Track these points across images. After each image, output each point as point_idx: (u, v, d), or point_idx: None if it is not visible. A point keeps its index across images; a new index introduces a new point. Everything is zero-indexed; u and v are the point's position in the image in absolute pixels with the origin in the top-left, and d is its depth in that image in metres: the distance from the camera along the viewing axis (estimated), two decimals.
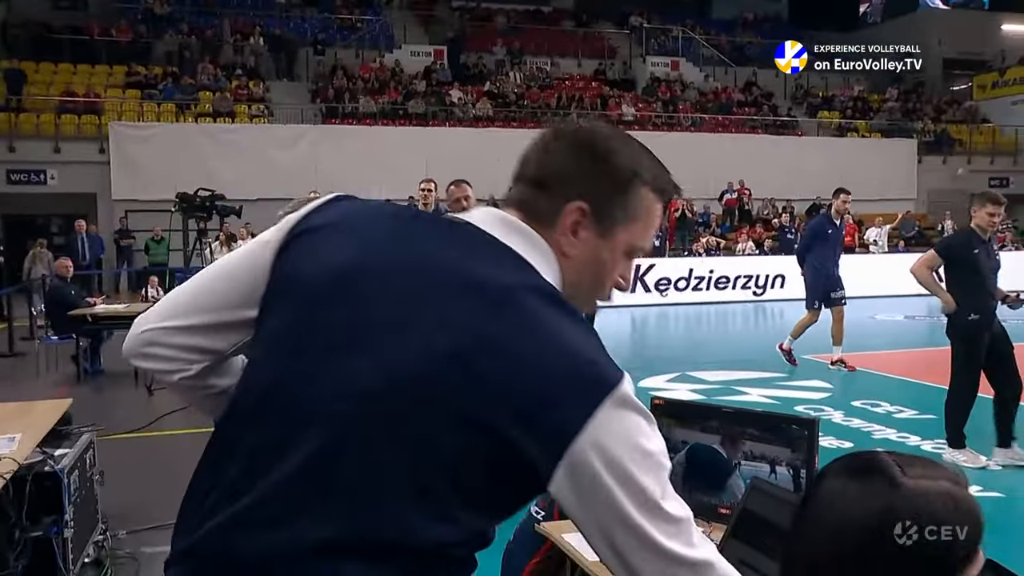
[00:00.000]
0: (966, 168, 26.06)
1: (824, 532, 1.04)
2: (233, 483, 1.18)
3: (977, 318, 5.52)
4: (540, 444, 1.09)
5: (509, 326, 1.11)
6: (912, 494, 1.00)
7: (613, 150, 1.23)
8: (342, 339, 1.17)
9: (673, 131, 24.05)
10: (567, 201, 1.21)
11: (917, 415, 7.13)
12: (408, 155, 19.93)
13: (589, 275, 1.25)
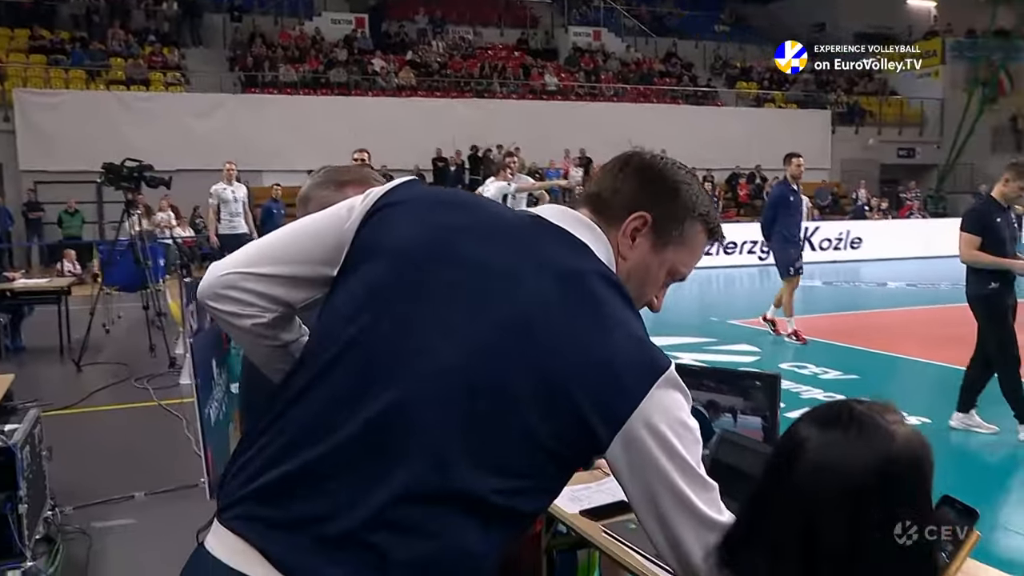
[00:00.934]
0: (876, 138, 26.99)
1: (826, 480, 1.14)
2: (306, 431, 1.22)
3: (997, 287, 5.45)
4: (603, 415, 1.20)
5: (583, 307, 1.24)
6: (901, 440, 1.15)
7: (682, 183, 1.39)
8: (431, 305, 1.24)
9: (595, 101, 24.26)
10: (635, 209, 1.36)
11: (842, 375, 7.43)
12: (331, 125, 19.63)
13: (636, 281, 1.37)
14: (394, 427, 1.19)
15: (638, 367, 1.22)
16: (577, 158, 22.03)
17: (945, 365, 7.92)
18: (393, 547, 1.17)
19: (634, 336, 1.25)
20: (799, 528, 1.15)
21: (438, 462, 1.18)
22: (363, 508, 1.17)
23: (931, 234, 20.00)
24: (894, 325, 10.44)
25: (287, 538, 1.18)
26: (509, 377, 1.20)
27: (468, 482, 1.18)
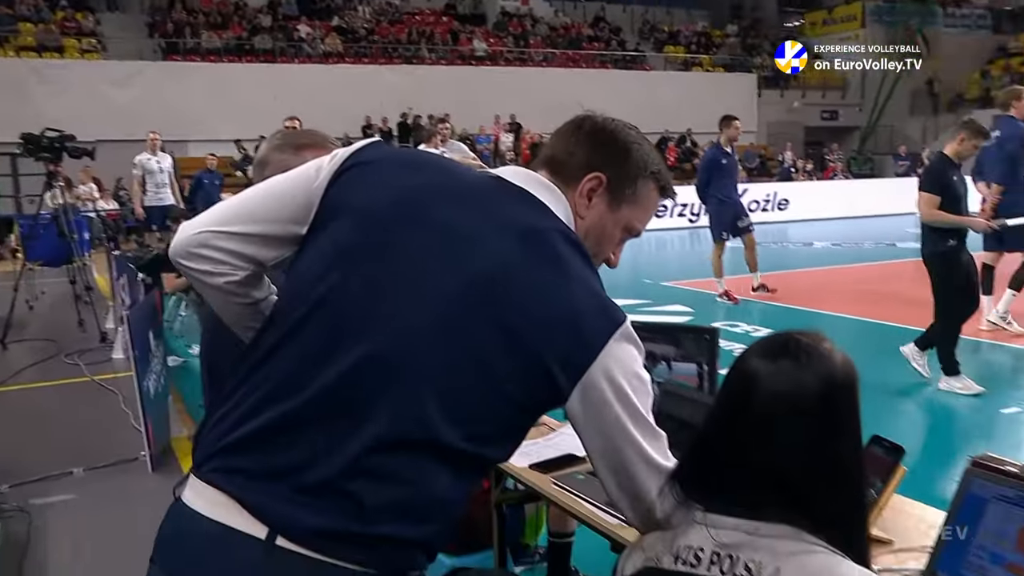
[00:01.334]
0: (801, 101, 27.54)
1: (786, 403, 1.23)
2: (280, 385, 1.25)
3: (954, 244, 5.52)
4: (564, 366, 1.27)
5: (545, 264, 1.30)
6: (840, 363, 1.27)
7: (633, 143, 1.45)
8: (398, 264, 1.28)
9: (525, 66, 24.21)
10: (590, 169, 1.42)
11: (770, 333, 7.64)
12: (257, 94, 19.25)
13: (593, 238, 1.44)
14: (366, 380, 1.23)
15: (597, 321, 1.28)
16: (507, 124, 22.01)
17: (868, 320, 8.23)
18: (369, 494, 1.21)
19: (593, 291, 1.31)
20: (755, 452, 1.24)
21: (410, 413, 1.22)
22: (339, 457, 1.21)
23: (855, 194, 20.62)
24: (821, 283, 10.75)
25: (265, 488, 1.21)
26: (475, 333, 1.25)
27: (439, 431, 1.23)
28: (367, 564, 1.22)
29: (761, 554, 1.19)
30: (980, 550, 1.54)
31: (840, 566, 1.16)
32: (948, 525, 1.61)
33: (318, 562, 1.19)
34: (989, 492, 1.57)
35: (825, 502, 1.22)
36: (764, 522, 1.22)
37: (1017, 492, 1.53)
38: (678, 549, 1.27)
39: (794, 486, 1.22)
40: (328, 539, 1.20)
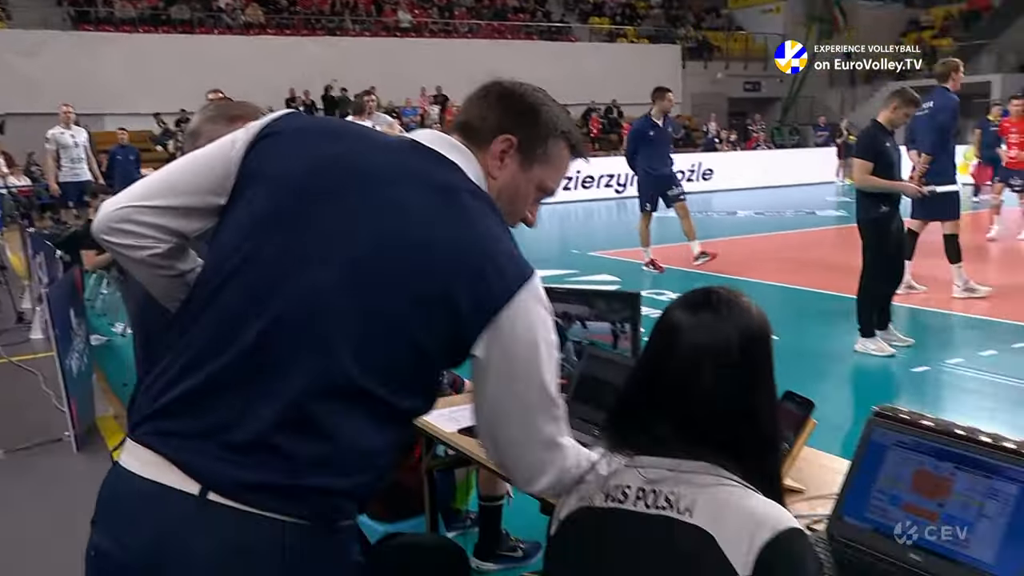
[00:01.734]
0: (724, 72, 27.95)
1: (705, 353, 1.32)
2: (204, 349, 1.29)
3: (887, 210, 5.65)
4: (471, 316, 1.31)
5: (456, 219, 1.34)
6: (756, 315, 1.36)
7: (541, 104, 1.50)
8: (313, 227, 1.32)
9: (450, 38, 24.01)
10: (501, 132, 1.46)
11: None
12: (175, 66, 18.71)
13: (506, 197, 1.48)
14: (282, 339, 1.27)
15: (506, 273, 1.33)
16: (433, 96, 21.85)
17: (790, 286, 8.49)
18: (293, 448, 1.25)
19: (503, 246, 1.36)
20: (677, 399, 1.33)
21: (326, 367, 1.27)
22: (262, 414, 1.25)
23: (777, 164, 21.10)
24: (745, 251, 11.02)
25: (196, 447, 1.25)
26: (386, 286, 1.29)
27: (356, 383, 1.27)
28: (296, 515, 1.26)
29: (681, 487, 1.28)
30: (880, 493, 1.65)
31: (749, 498, 1.24)
32: (852, 472, 1.71)
33: (248, 514, 1.24)
34: (888, 439, 1.67)
35: (741, 445, 1.31)
36: (684, 460, 1.30)
37: (912, 438, 1.64)
38: (609, 488, 1.36)
39: (713, 430, 1.31)
40: (257, 492, 1.24)
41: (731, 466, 1.30)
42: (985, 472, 1.52)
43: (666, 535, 1.26)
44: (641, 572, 1.28)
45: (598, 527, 1.35)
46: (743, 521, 1.21)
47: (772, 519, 1.21)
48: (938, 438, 1.60)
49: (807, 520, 1.78)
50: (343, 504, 1.32)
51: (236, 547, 1.23)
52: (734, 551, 1.19)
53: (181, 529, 1.24)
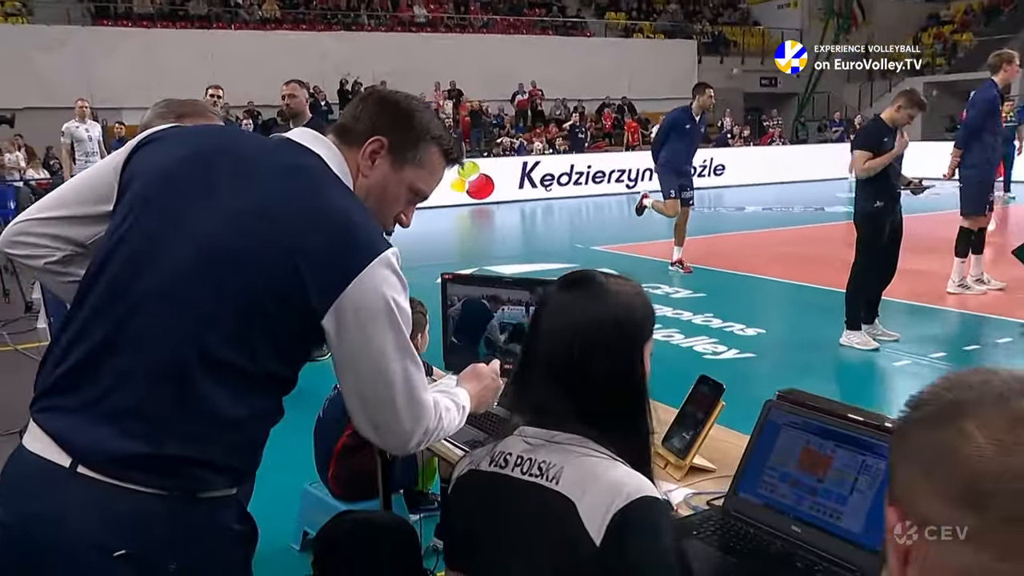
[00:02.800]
0: (740, 68, 27.83)
1: (565, 330, 1.41)
2: (82, 329, 1.41)
3: (881, 205, 5.68)
4: (320, 287, 1.39)
5: (306, 194, 1.44)
6: (623, 298, 1.43)
7: (415, 110, 1.60)
8: (175, 209, 1.43)
9: (465, 33, 24.08)
10: (373, 133, 1.55)
11: (691, 294, 7.89)
12: (191, 60, 18.89)
13: (376, 196, 1.57)
14: (145, 314, 1.38)
15: (355, 246, 1.41)
16: (447, 91, 21.95)
17: (782, 280, 8.53)
18: (156, 418, 1.36)
19: (355, 220, 1.44)
20: (549, 374, 1.42)
21: (189, 338, 1.37)
22: (129, 387, 1.36)
23: (790, 160, 21.03)
24: (744, 246, 11.05)
25: (71, 420, 1.36)
26: (238, 260, 1.38)
27: (216, 354, 1.37)
28: (159, 486, 1.35)
29: (553, 456, 1.38)
30: (772, 470, 1.74)
31: (612, 469, 1.33)
32: (749, 450, 1.81)
33: (114, 487, 1.33)
34: (782, 419, 1.77)
35: (609, 421, 1.40)
36: (559, 432, 1.40)
37: (802, 418, 1.73)
38: (495, 454, 1.46)
39: (582, 405, 1.40)
40: (122, 465, 1.33)
41: (602, 440, 1.39)
42: (861, 449, 1.61)
43: (536, 501, 1.35)
44: (516, 533, 1.37)
45: (482, 489, 1.45)
46: (603, 490, 1.30)
47: (628, 488, 1.29)
48: (823, 418, 1.70)
49: (708, 496, 1.87)
50: (206, 475, 1.40)
51: (100, 519, 1.33)
52: (591, 518, 1.28)
53: (54, 501, 1.34)
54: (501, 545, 1.38)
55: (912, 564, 0.83)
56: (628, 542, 1.25)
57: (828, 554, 1.57)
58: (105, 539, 1.32)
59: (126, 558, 1.32)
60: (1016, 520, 0.76)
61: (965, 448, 0.78)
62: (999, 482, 0.76)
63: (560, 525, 1.31)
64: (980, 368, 0.85)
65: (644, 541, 1.27)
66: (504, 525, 1.39)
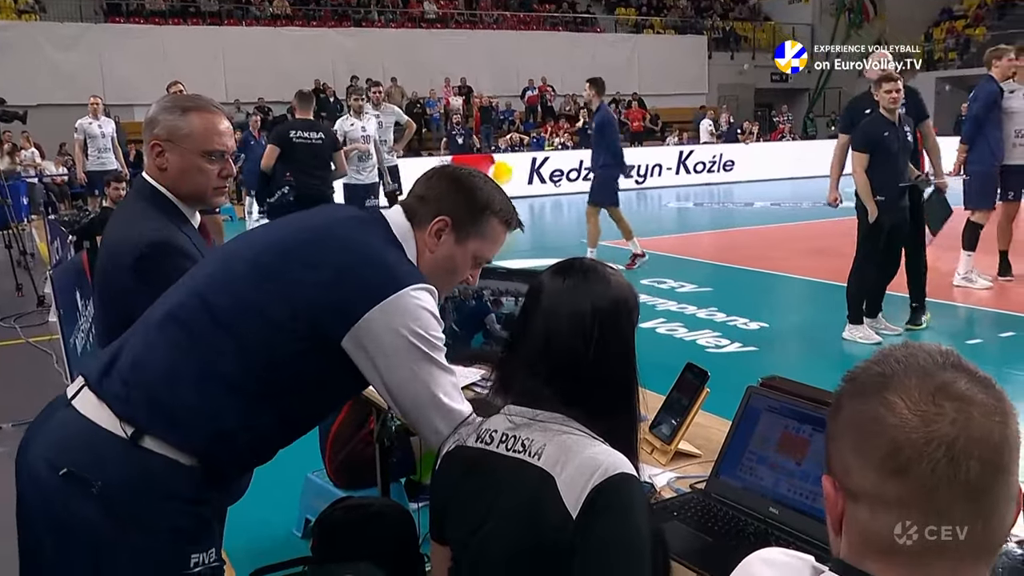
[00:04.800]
0: (751, 63, 27.76)
1: (561, 315, 1.46)
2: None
3: (882, 200, 5.63)
4: (341, 313, 1.57)
5: (347, 240, 1.67)
6: (614, 285, 1.49)
7: (475, 187, 1.74)
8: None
9: (475, 28, 24.13)
10: (438, 214, 1.71)
11: (696, 288, 7.91)
12: (202, 57, 19.03)
13: (443, 269, 1.73)
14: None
15: (382, 275, 1.58)
16: (457, 87, 22.00)
17: (789, 275, 8.55)
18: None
19: (388, 258, 1.63)
20: (538, 356, 1.47)
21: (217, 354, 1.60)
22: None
23: (800, 156, 20.97)
24: (752, 241, 11.07)
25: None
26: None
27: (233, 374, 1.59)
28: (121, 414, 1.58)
29: (535, 434, 1.43)
30: (752, 453, 1.79)
31: (591, 446, 1.38)
32: (730, 435, 1.86)
33: (81, 416, 1.60)
34: (762, 404, 1.82)
35: (594, 404, 1.45)
36: (544, 411, 1.45)
37: (781, 403, 1.78)
38: (481, 431, 1.52)
39: (569, 388, 1.45)
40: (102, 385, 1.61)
41: (588, 421, 1.44)
42: None
43: (518, 475, 1.41)
44: (497, 505, 1.43)
45: (467, 464, 1.51)
46: (581, 465, 1.35)
47: (606, 464, 1.34)
48: (800, 403, 1.74)
49: (692, 480, 1.92)
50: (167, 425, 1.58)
51: (58, 437, 1.60)
52: (568, 492, 1.33)
53: (46, 425, 1.65)
54: (482, 516, 1.44)
55: (845, 530, 0.88)
56: (601, 516, 1.30)
57: (803, 534, 1.62)
58: (55, 456, 1.54)
59: (67, 475, 1.51)
60: (939, 485, 0.81)
61: (889, 418, 0.83)
62: (921, 450, 0.81)
63: (539, 498, 1.36)
64: (909, 342, 0.90)
65: (617, 516, 1.32)
66: (486, 497, 1.45)
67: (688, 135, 22.65)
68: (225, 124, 2.18)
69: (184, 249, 2.02)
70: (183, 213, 2.14)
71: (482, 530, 1.43)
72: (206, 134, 2.12)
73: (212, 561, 1.62)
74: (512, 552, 1.38)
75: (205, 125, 2.12)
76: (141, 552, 1.54)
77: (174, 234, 2.04)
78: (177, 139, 2.10)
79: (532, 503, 1.37)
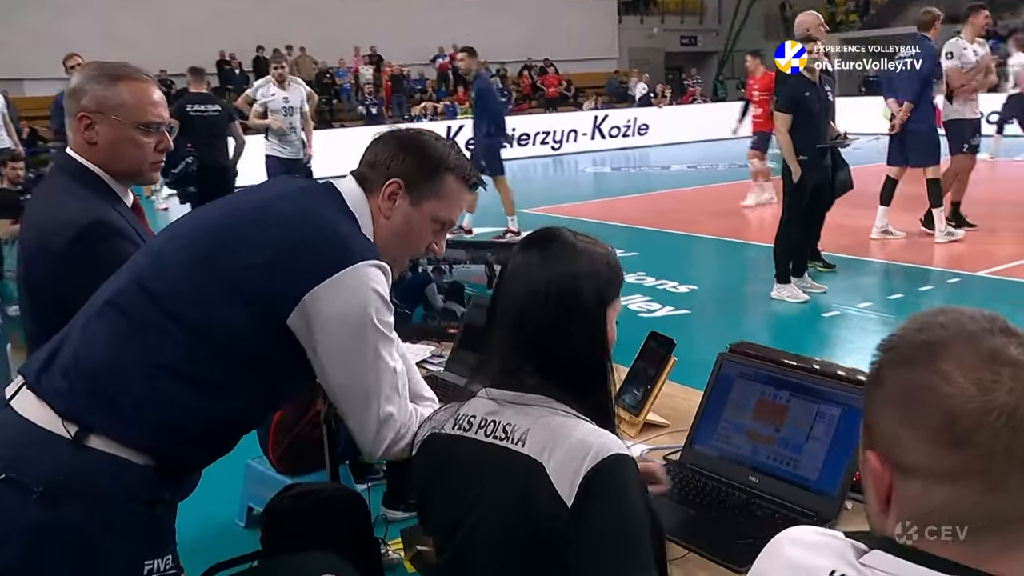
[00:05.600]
0: (660, 27, 27.94)
1: (524, 290, 1.37)
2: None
3: (805, 159, 5.68)
4: (284, 291, 1.48)
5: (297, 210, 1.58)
6: (587, 258, 1.39)
7: (426, 144, 1.66)
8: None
9: None
10: (389, 177, 1.63)
11: (622, 254, 7.79)
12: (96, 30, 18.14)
13: (400, 235, 1.65)
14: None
15: (334, 248, 1.50)
16: (367, 56, 21.54)
17: (713, 237, 8.65)
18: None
19: (342, 230, 1.54)
20: (511, 335, 1.39)
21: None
22: None
23: (711, 118, 21.22)
24: (673, 204, 11.17)
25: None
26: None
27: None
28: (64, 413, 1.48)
29: (518, 418, 1.35)
30: (727, 422, 1.75)
31: (578, 428, 1.30)
32: (703, 403, 1.81)
33: (21, 417, 1.50)
34: (735, 371, 1.78)
35: (570, 379, 1.38)
36: (524, 392, 1.37)
37: (754, 369, 1.74)
38: (459, 417, 1.43)
39: (544, 365, 1.37)
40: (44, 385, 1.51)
41: (566, 399, 1.36)
42: (814, 397, 1.63)
43: (503, 465, 1.32)
44: (482, 497, 1.34)
45: (446, 452, 1.42)
46: (571, 450, 1.27)
47: (597, 446, 1.26)
48: (775, 368, 1.71)
49: (664, 451, 1.88)
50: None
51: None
52: (560, 479, 1.25)
53: None
54: (467, 508, 1.36)
55: (894, 505, 0.83)
56: (596, 503, 1.23)
57: (786, 501, 1.59)
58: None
59: (5, 481, 1.40)
60: (997, 455, 0.77)
61: (943, 387, 0.79)
62: (980, 419, 0.77)
63: (528, 488, 1.28)
64: (944, 308, 0.86)
65: (613, 502, 1.24)
66: (468, 489, 1.37)
67: (602, 100, 22.71)
68: (158, 94, 2.02)
69: (121, 229, 1.86)
70: (114, 191, 1.97)
71: (466, 523, 1.35)
72: (140, 105, 1.96)
73: (168, 568, 1.51)
74: (502, 544, 1.31)
75: (138, 95, 1.96)
76: (89, 560, 1.42)
77: (108, 213, 1.88)
78: (108, 110, 1.93)
79: (521, 494, 1.29)
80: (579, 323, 1.38)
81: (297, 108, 7.95)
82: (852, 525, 1.50)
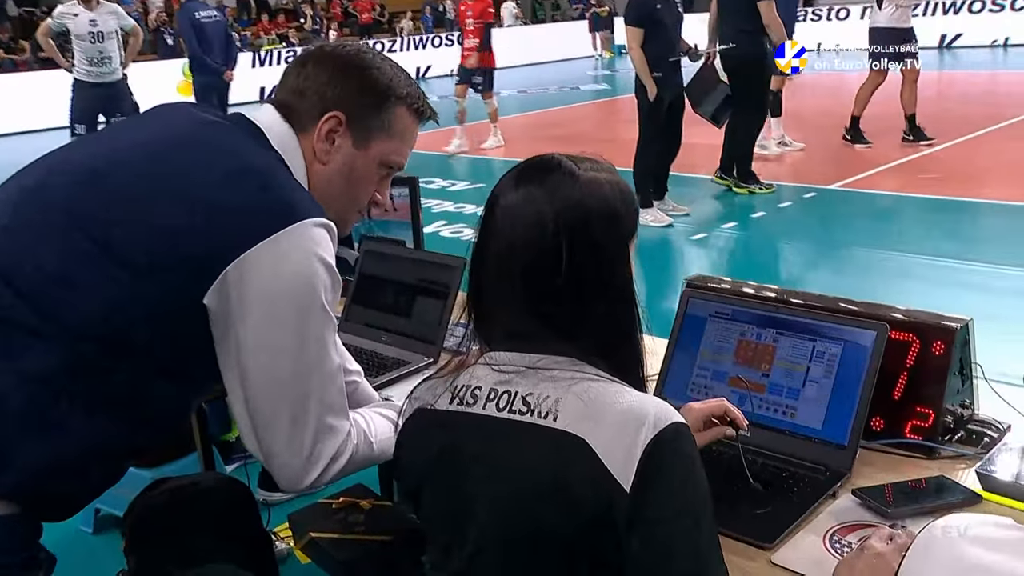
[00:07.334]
0: None
1: (530, 233, 1.09)
2: None
3: (659, 76, 5.51)
4: (205, 259, 1.13)
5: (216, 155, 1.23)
6: (591, 182, 1.12)
7: (371, 66, 1.31)
8: None
9: None
10: (325, 110, 1.29)
11: (469, 185, 7.64)
12: None
13: (341, 183, 1.31)
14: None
15: (260, 211, 1.16)
16: None
17: None
18: None
19: (278, 180, 1.20)
20: (507, 282, 1.11)
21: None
22: None
23: (533, 42, 21.04)
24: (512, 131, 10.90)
25: None
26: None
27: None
28: None
29: (541, 387, 1.07)
30: (703, 369, 1.51)
31: (620, 393, 1.05)
32: (670, 350, 1.56)
33: None
34: (706, 311, 1.53)
35: (595, 335, 1.11)
36: (542, 355, 1.09)
37: (731, 307, 1.50)
38: (456, 389, 1.15)
39: (562, 320, 1.10)
40: None
41: (590, 358, 1.10)
42: (808, 335, 1.41)
43: (525, 444, 1.05)
44: (499, 487, 1.07)
45: (442, 432, 1.14)
46: (621, 421, 1.01)
47: (654, 415, 1.01)
48: (757, 304, 1.48)
49: None
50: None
51: None
52: (612, 457, 1.00)
53: None
54: (476, 502, 1.08)
55: None
56: (664, 481, 0.99)
57: (789, 456, 1.36)
58: None
59: None
60: None
61: None
62: None
63: (566, 471, 1.01)
64: None
65: (678, 481, 1.00)
66: (480, 477, 1.08)
67: (419, 24, 22.02)
68: None
69: None
70: None
71: (479, 518, 1.08)
72: None
73: None
74: (529, 540, 1.04)
75: None
76: None
77: None
78: None
79: (555, 478, 1.02)
80: (603, 266, 1.10)
81: (108, 33, 6.99)
82: (867, 479, 1.30)
